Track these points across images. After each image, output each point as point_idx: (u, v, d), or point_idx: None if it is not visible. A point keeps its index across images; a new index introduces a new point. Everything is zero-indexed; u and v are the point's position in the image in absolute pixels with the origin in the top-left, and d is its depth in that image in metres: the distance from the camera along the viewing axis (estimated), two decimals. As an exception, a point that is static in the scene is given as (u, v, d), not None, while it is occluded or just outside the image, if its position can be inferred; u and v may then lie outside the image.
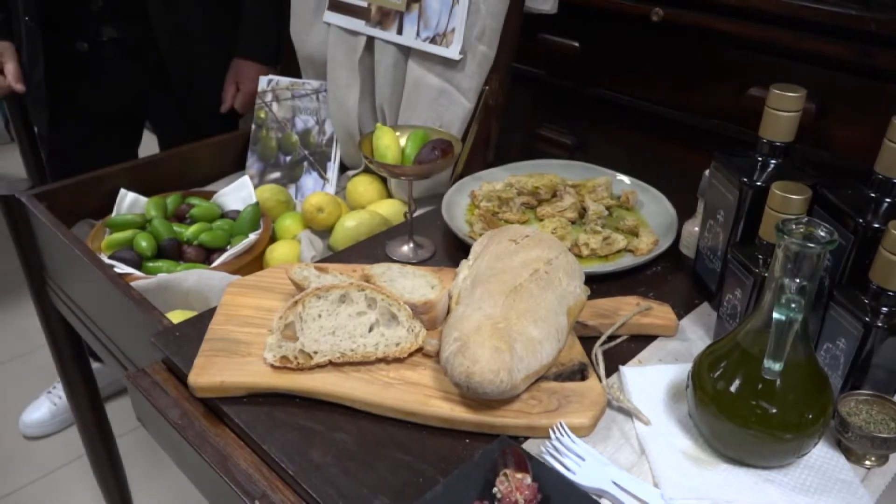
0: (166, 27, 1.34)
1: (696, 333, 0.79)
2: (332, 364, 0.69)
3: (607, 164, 1.09)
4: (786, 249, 0.55)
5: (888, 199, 0.67)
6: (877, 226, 0.65)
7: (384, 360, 0.70)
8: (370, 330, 0.71)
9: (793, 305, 0.54)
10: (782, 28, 0.99)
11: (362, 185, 1.17)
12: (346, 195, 1.20)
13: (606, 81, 1.22)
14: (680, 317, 0.81)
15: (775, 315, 0.55)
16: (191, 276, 0.96)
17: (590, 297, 0.79)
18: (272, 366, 0.69)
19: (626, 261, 0.87)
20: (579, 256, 0.88)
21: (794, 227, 0.56)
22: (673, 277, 0.88)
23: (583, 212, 0.96)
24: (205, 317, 0.78)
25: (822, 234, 0.55)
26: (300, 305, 0.71)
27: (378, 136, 0.88)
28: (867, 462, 0.63)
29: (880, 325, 0.62)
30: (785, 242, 0.55)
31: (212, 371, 0.69)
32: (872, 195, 0.68)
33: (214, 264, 1.03)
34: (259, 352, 0.71)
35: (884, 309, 0.62)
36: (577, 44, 1.23)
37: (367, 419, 0.67)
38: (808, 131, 1.00)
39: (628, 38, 1.17)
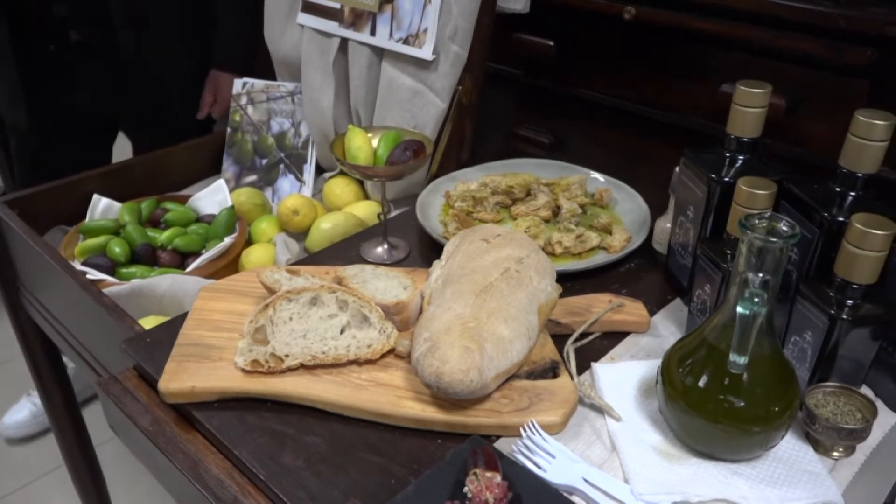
0: (129, 32, 1.33)
1: (668, 329, 0.79)
2: (303, 367, 0.69)
3: (585, 163, 1.09)
4: (749, 244, 0.56)
5: (853, 193, 0.68)
6: (841, 219, 0.66)
7: (356, 362, 0.70)
8: (341, 332, 0.71)
9: (756, 300, 0.55)
10: (753, 25, 1.00)
11: (339, 187, 1.17)
12: (323, 197, 1.19)
13: (582, 80, 1.23)
14: (652, 313, 0.81)
15: (739, 309, 0.55)
16: (165, 282, 0.95)
17: (563, 295, 0.80)
18: (243, 370, 0.69)
19: (600, 258, 0.87)
20: (553, 255, 0.88)
21: (756, 222, 0.56)
22: (646, 274, 0.89)
23: (557, 210, 0.96)
24: (176, 322, 0.78)
25: (785, 228, 0.56)
26: (271, 309, 0.71)
27: (350, 138, 0.88)
28: (835, 453, 0.63)
29: (845, 317, 0.62)
30: (748, 238, 0.56)
31: (183, 377, 0.68)
32: (837, 189, 0.69)
33: (189, 269, 1.02)
34: (231, 356, 0.70)
35: (849, 301, 0.63)
36: (552, 43, 1.23)
37: (339, 421, 0.67)
38: (780, 127, 1.01)
39: (602, 37, 1.17)
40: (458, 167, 1.07)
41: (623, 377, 0.71)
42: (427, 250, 0.94)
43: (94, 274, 0.99)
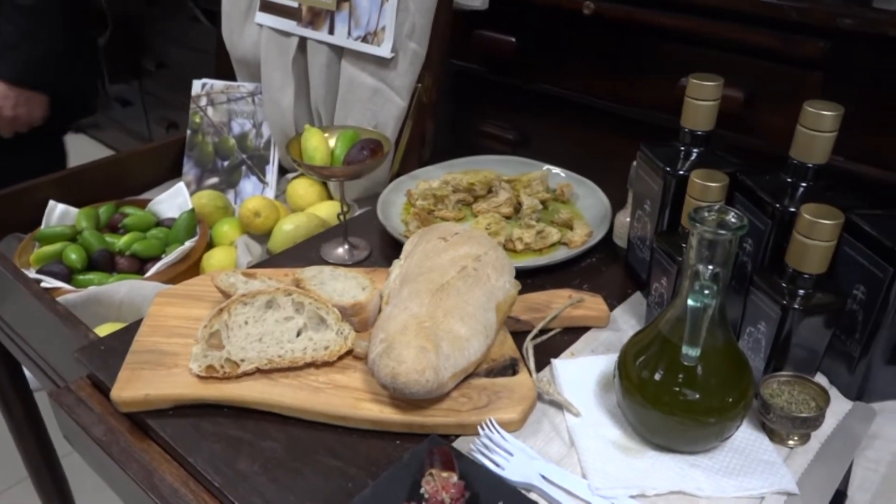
0: None
1: (628, 323, 0.79)
2: (259, 371, 0.68)
3: (549, 158, 1.09)
4: (699, 237, 0.56)
5: (804, 184, 0.69)
6: (793, 210, 0.67)
7: (313, 365, 0.69)
8: (298, 335, 0.70)
9: (706, 292, 0.55)
10: (709, 19, 1.01)
11: (302, 188, 1.16)
12: (287, 198, 1.18)
13: (545, 76, 1.23)
14: (613, 307, 0.81)
15: (690, 302, 0.56)
16: (122, 288, 0.93)
17: (524, 292, 0.80)
18: (198, 376, 0.68)
19: (560, 254, 0.87)
20: (514, 251, 0.88)
21: (706, 214, 0.57)
22: (607, 268, 0.89)
23: (518, 206, 0.96)
24: (131, 329, 0.76)
25: (733, 220, 0.56)
26: (225, 313, 0.70)
27: (306, 138, 0.87)
28: (790, 442, 0.64)
29: (797, 307, 0.63)
30: (697, 230, 0.56)
31: (136, 385, 0.67)
32: (789, 180, 0.69)
33: (148, 274, 1.00)
34: (186, 363, 0.69)
35: (800, 291, 0.64)
36: (513, 39, 1.23)
37: (296, 425, 0.66)
38: (737, 119, 1.02)
39: (563, 33, 1.17)
40: (419, 165, 1.07)
41: (582, 372, 0.71)
42: (389, 250, 0.93)
43: (49, 282, 0.97)
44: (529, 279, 0.85)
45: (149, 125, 2.54)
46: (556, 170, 1.04)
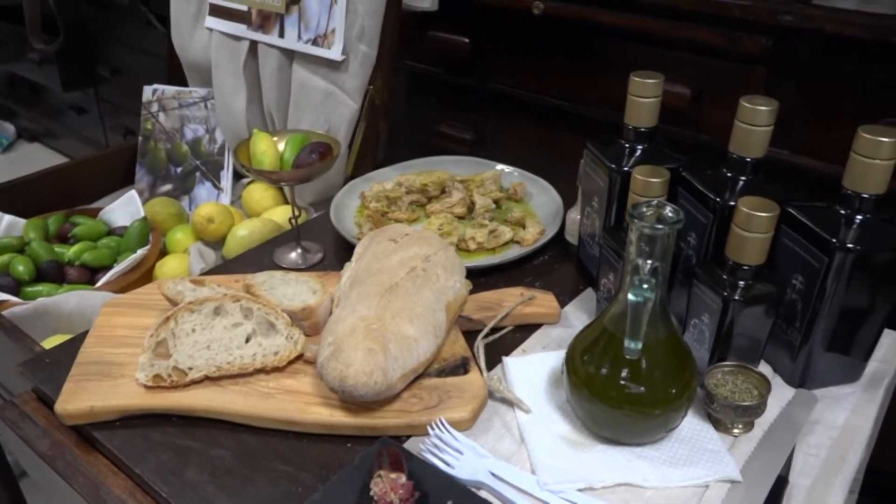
0: None
1: (579, 319, 0.80)
2: (208, 379, 0.68)
3: (506, 158, 1.10)
4: (638, 232, 0.57)
5: (743, 178, 0.70)
6: (732, 204, 0.68)
7: (263, 371, 0.69)
8: (247, 341, 0.69)
9: (645, 286, 0.56)
10: (654, 17, 1.03)
11: (258, 193, 1.15)
12: (242, 203, 1.17)
13: (499, 76, 1.24)
14: (565, 304, 0.82)
15: (630, 296, 0.56)
16: (72, 299, 0.92)
17: (478, 291, 0.80)
18: (145, 386, 0.67)
19: (513, 252, 0.88)
20: (467, 251, 0.89)
21: (644, 210, 0.57)
22: (559, 266, 0.90)
23: (472, 206, 0.96)
24: (78, 340, 0.75)
25: (670, 214, 0.57)
26: (172, 321, 0.69)
27: (255, 143, 0.86)
28: (735, 430, 0.65)
29: (737, 298, 0.64)
30: (636, 226, 0.57)
31: (81, 397, 0.66)
32: (729, 174, 0.71)
33: (99, 284, 0.99)
34: (133, 373, 0.68)
35: (740, 283, 0.65)
36: (466, 40, 1.24)
37: (247, 432, 0.65)
38: (685, 115, 1.04)
39: (515, 33, 1.18)
40: (374, 168, 1.07)
41: (533, 369, 0.72)
42: (343, 253, 0.93)
43: (-5, 295, 0.95)
44: (483, 278, 0.86)
45: (105, 133, 2.49)
46: (508, 169, 1.04)
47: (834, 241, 0.62)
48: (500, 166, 1.05)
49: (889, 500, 1.02)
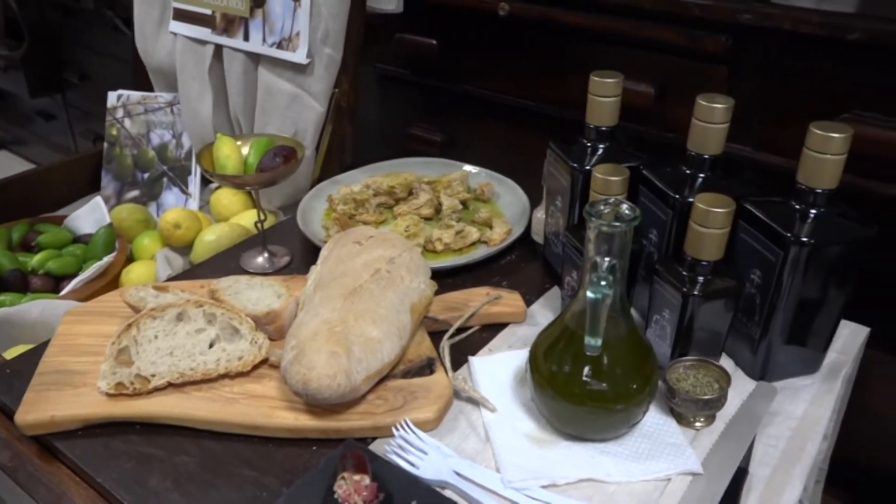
0: None
1: (545, 318, 0.81)
2: (171, 386, 0.67)
3: (476, 159, 1.10)
4: (595, 230, 0.58)
5: (701, 175, 0.71)
6: (691, 200, 0.69)
7: (227, 376, 0.68)
8: (211, 346, 0.69)
9: (603, 283, 0.57)
10: (617, 17, 1.04)
11: (226, 198, 1.14)
12: (210, 209, 1.16)
13: (467, 77, 1.24)
14: (531, 302, 0.83)
15: (588, 294, 0.57)
16: (35, 308, 0.91)
17: (444, 291, 0.81)
18: (107, 394, 0.66)
19: (480, 252, 0.88)
20: (434, 252, 0.89)
21: (601, 208, 0.58)
22: (526, 265, 0.90)
23: (439, 207, 0.97)
24: (39, 350, 0.74)
25: (627, 212, 0.58)
26: (134, 328, 0.68)
27: (218, 147, 0.86)
28: (697, 424, 0.66)
29: (696, 293, 0.65)
30: (594, 224, 0.57)
31: (42, 407, 0.65)
32: (688, 172, 0.72)
33: (63, 292, 0.98)
34: (95, 381, 0.68)
35: (699, 278, 0.66)
36: (434, 42, 1.24)
37: (211, 438, 0.65)
38: (650, 114, 1.05)
39: (481, 34, 1.19)
40: (342, 170, 1.07)
41: (499, 368, 0.72)
42: (310, 256, 0.92)
43: (-43, 305, 0.93)
44: (450, 279, 0.86)
45: (74, 139, 2.46)
46: (475, 170, 1.05)
47: (788, 235, 0.63)
48: (467, 167, 1.05)
49: (855, 490, 1.04)
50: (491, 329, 0.79)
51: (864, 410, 0.97)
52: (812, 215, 0.64)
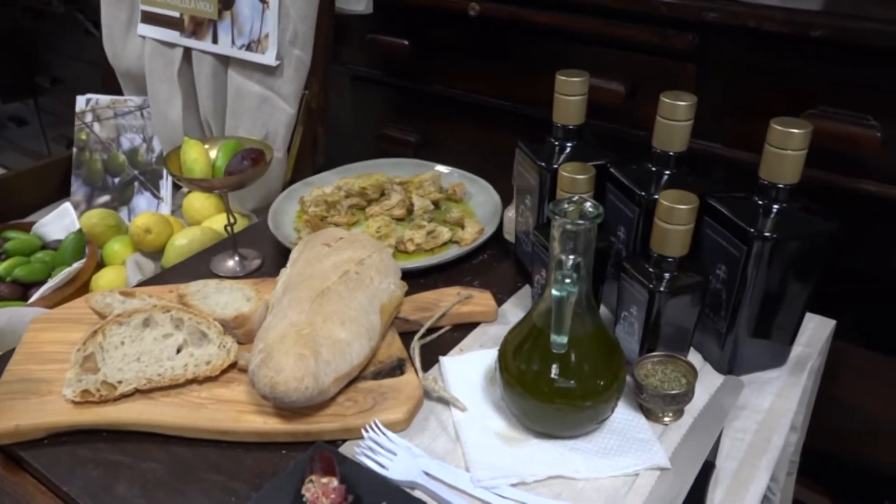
0: None
1: (517, 316, 0.81)
2: (139, 392, 0.67)
3: (451, 159, 1.10)
4: (559, 228, 0.58)
5: (667, 172, 0.72)
6: (657, 197, 0.69)
7: (196, 381, 0.68)
8: (178, 351, 0.68)
9: (567, 281, 0.57)
10: (590, 16, 1.04)
11: (198, 201, 1.14)
12: (183, 213, 1.15)
13: (439, 78, 1.24)
14: (503, 301, 0.83)
15: (553, 292, 0.57)
16: (2, 316, 0.90)
17: (417, 291, 0.80)
18: (73, 402, 0.65)
19: (452, 252, 0.88)
20: (406, 252, 0.89)
21: (565, 206, 0.58)
22: (498, 264, 0.91)
23: (411, 208, 0.97)
24: (4, 359, 0.73)
25: (590, 209, 0.58)
26: (100, 335, 0.68)
27: (185, 151, 0.85)
28: (666, 419, 0.66)
29: (663, 289, 0.66)
30: (558, 222, 0.58)
31: (6, 416, 0.64)
32: (654, 169, 0.72)
33: (32, 300, 0.96)
34: (60, 389, 0.67)
35: (665, 275, 0.66)
36: (406, 42, 1.24)
37: (179, 444, 0.64)
38: (622, 112, 1.06)
39: (453, 34, 1.19)
40: (314, 172, 1.06)
41: (470, 367, 0.72)
42: (282, 259, 0.91)
43: (-78, 315, 0.91)
44: (422, 279, 0.86)
45: (47, 144, 2.43)
46: (447, 170, 1.05)
47: (752, 230, 0.64)
48: (438, 167, 1.05)
49: (830, 481, 1.05)
50: (462, 329, 0.79)
51: (836, 402, 0.98)
52: (775, 210, 0.65)
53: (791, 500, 0.94)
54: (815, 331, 0.78)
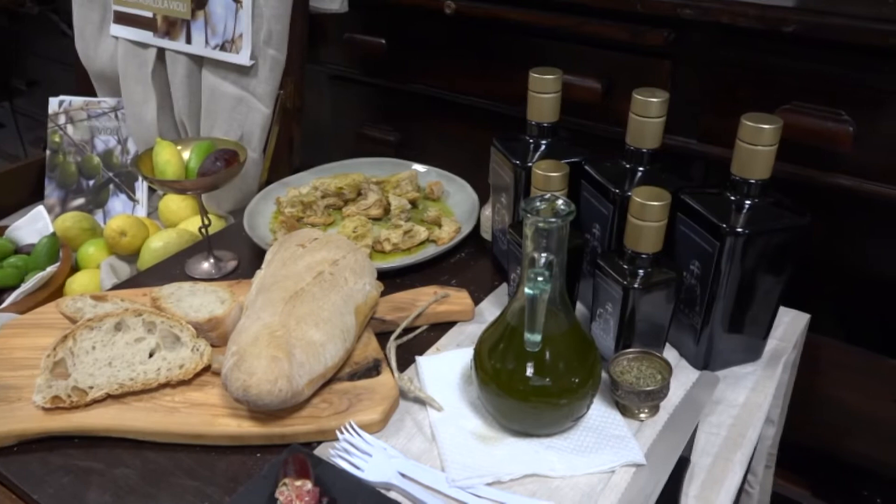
0: None
1: (493, 315, 0.80)
2: (110, 397, 0.66)
3: (430, 158, 1.10)
4: (532, 226, 0.58)
5: (641, 168, 0.72)
6: (630, 194, 0.69)
7: (169, 385, 0.67)
8: (151, 355, 0.68)
9: (540, 279, 0.57)
10: (565, 14, 1.04)
11: (174, 203, 1.12)
12: (159, 215, 1.14)
13: (417, 76, 1.24)
14: (480, 300, 0.83)
15: (526, 290, 0.57)
16: (-27, 322, 0.88)
17: (394, 291, 0.80)
18: (43, 408, 0.64)
19: (429, 251, 0.88)
20: (383, 252, 0.88)
21: (538, 204, 0.58)
22: (476, 263, 0.90)
23: (388, 207, 0.96)
24: (-26, 365, 0.72)
25: (562, 207, 0.58)
26: (70, 339, 0.67)
27: (157, 152, 0.84)
28: (641, 415, 0.67)
29: (637, 286, 0.66)
30: (530, 220, 0.57)
31: (-25, 424, 0.63)
32: (627, 166, 0.72)
33: (4, 305, 0.95)
34: (31, 395, 0.66)
35: (639, 271, 0.66)
36: (383, 41, 1.23)
37: (152, 449, 0.64)
38: (598, 109, 1.06)
39: (429, 32, 1.19)
40: (291, 172, 1.06)
41: (447, 367, 0.72)
42: (258, 261, 0.90)
43: None
44: (399, 279, 0.85)
45: (24, 147, 2.40)
46: (424, 168, 1.04)
47: (724, 226, 0.64)
48: (416, 166, 1.05)
49: (810, 473, 1.06)
50: (439, 328, 0.78)
51: (814, 395, 0.99)
52: (747, 206, 0.65)
53: (770, 493, 0.95)
54: (790, 325, 0.78)
